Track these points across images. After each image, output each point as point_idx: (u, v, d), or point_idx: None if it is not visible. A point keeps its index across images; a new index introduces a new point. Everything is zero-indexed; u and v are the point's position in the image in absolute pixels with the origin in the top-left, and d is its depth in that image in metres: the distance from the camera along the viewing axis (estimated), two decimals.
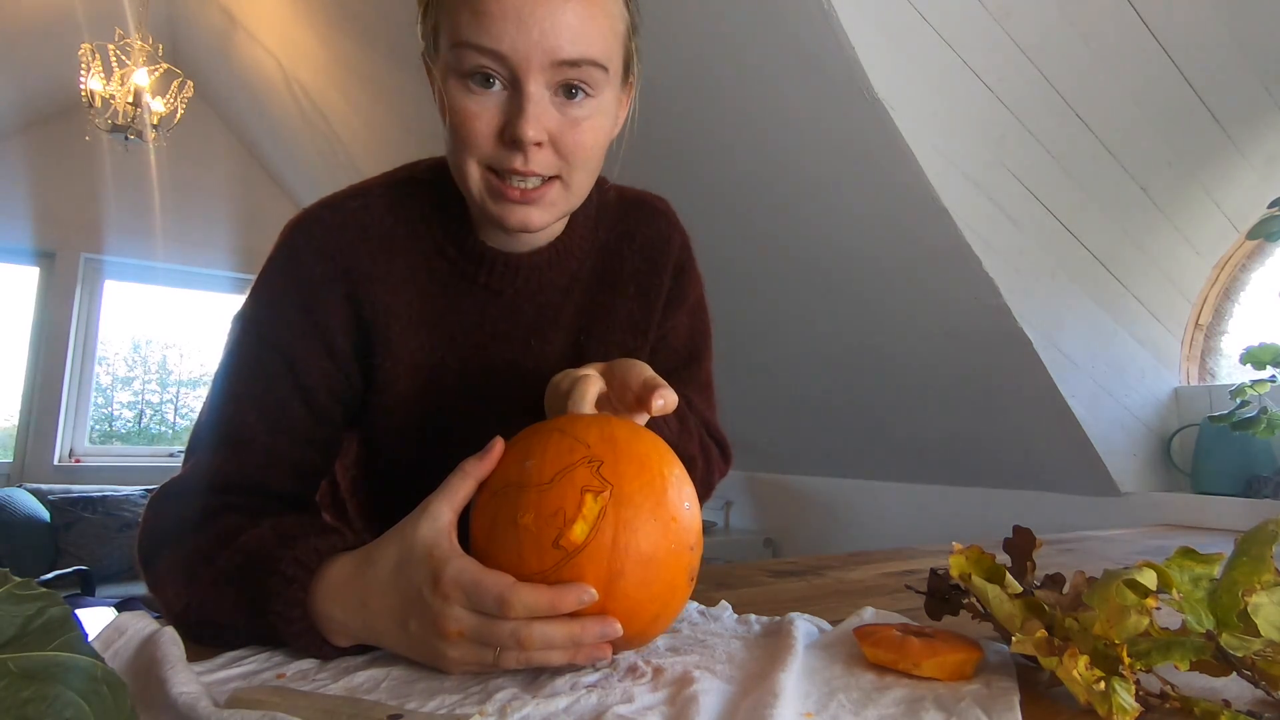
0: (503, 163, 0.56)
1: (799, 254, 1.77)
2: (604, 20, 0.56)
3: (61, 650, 0.29)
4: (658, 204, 0.80)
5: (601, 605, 0.43)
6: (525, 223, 0.59)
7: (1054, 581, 0.49)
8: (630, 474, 0.44)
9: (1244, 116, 1.43)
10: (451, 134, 0.58)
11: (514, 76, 0.54)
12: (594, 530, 0.42)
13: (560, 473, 0.44)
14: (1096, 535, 1.25)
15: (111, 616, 0.48)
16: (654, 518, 0.44)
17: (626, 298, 0.76)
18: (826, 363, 2.00)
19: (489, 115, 0.56)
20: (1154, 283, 1.60)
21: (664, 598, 0.45)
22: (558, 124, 0.56)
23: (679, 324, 0.81)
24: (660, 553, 0.44)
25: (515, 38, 0.53)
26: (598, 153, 0.60)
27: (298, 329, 0.63)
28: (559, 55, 0.54)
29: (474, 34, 0.53)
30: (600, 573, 0.42)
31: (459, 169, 0.59)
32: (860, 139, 1.38)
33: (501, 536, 0.44)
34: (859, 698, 0.42)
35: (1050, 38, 1.28)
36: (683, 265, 0.80)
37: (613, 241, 0.76)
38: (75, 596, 2.87)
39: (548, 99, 0.56)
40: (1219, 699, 0.40)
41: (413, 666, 0.47)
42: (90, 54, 2.99)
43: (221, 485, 0.60)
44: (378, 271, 0.65)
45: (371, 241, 0.65)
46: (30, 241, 3.96)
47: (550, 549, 0.42)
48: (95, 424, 4.32)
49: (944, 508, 2.03)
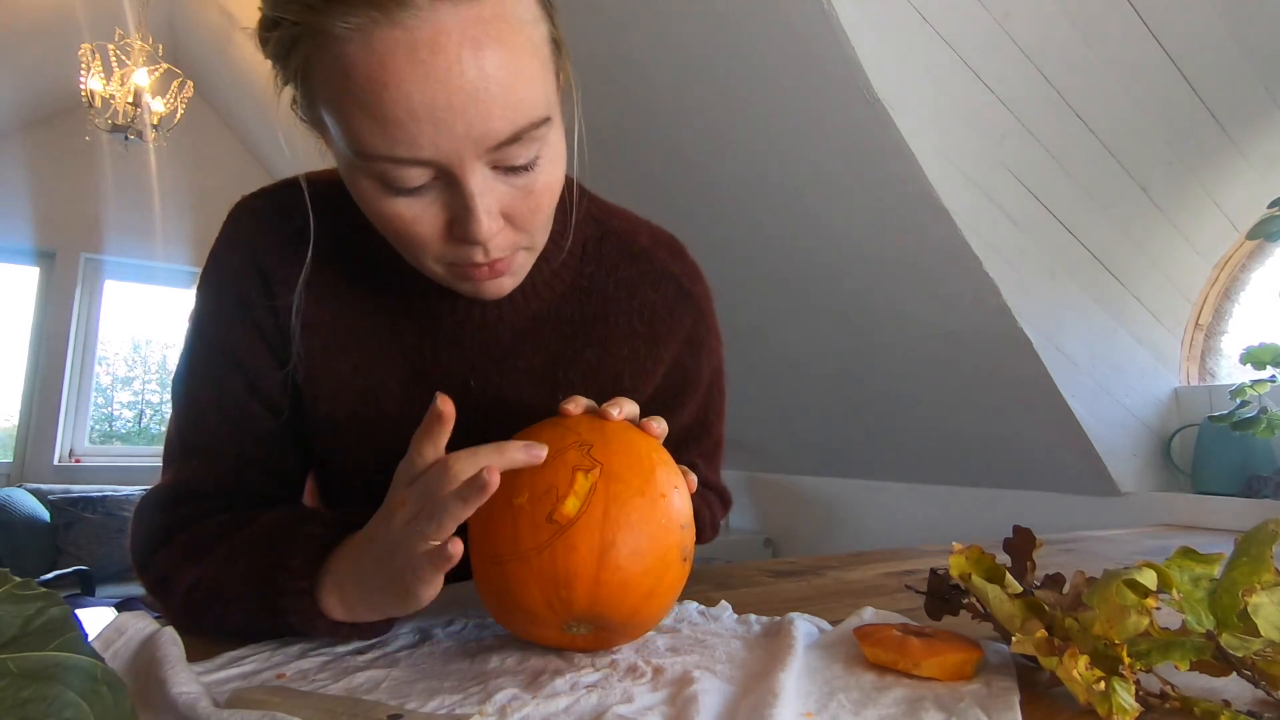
0: (460, 258, 0.49)
1: (799, 254, 1.77)
2: (530, 62, 0.45)
3: (62, 650, 0.29)
4: (670, 262, 0.68)
5: (594, 576, 0.44)
6: (499, 292, 0.54)
7: (1054, 581, 0.49)
8: (619, 455, 0.47)
9: (1244, 116, 1.43)
10: (385, 233, 0.50)
11: (448, 174, 0.45)
12: (585, 504, 0.44)
13: (552, 454, 0.46)
14: (1096, 535, 1.25)
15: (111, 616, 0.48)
16: (642, 494, 0.46)
17: (616, 358, 0.66)
18: (826, 363, 2.00)
19: (429, 217, 0.47)
20: (1154, 283, 1.60)
21: (657, 571, 0.46)
22: (510, 200, 0.48)
23: (694, 405, 0.72)
24: (651, 526, 0.46)
25: (437, 140, 0.43)
26: (556, 200, 0.52)
27: (236, 326, 0.59)
28: (495, 139, 0.44)
29: (384, 146, 0.43)
30: (593, 544, 0.44)
31: (411, 260, 0.52)
32: (860, 139, 1.38)
33: (498, 517, 0.46)
34: (859, 698, 0.42)
35: (1050, 38, 1.28)
36: (696, 341, 0.70)
37: (607, 288, 0.66)
38: (75, 596, 2.87)
39: (493, 181, 0.47)
40: (1219, 699, 0.40)
41: (413, 666, 0.47)
42: (90, 54, 2.99)
43: (202, 492, 0.59)
44: (304, 277, 0.59)
45: (302, 244, 0.58)
46: (30, 241, 3.97)
47: (544, 524, 0.44)
48: (95, 424, 4.33)
49: (944, 508, 2.03)
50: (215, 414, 0.60)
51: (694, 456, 0.75)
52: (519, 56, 0.44)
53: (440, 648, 0.51)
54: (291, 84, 0.47)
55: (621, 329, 0.66)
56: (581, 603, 0.44)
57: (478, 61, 0.42)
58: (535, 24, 0.46)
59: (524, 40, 0.44)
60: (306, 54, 0.43)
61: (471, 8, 0.42)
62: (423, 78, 0.41)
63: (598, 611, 0.45)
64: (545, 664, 0.47)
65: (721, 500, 0.78)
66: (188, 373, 0.61)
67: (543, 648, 0.50)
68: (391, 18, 0.40)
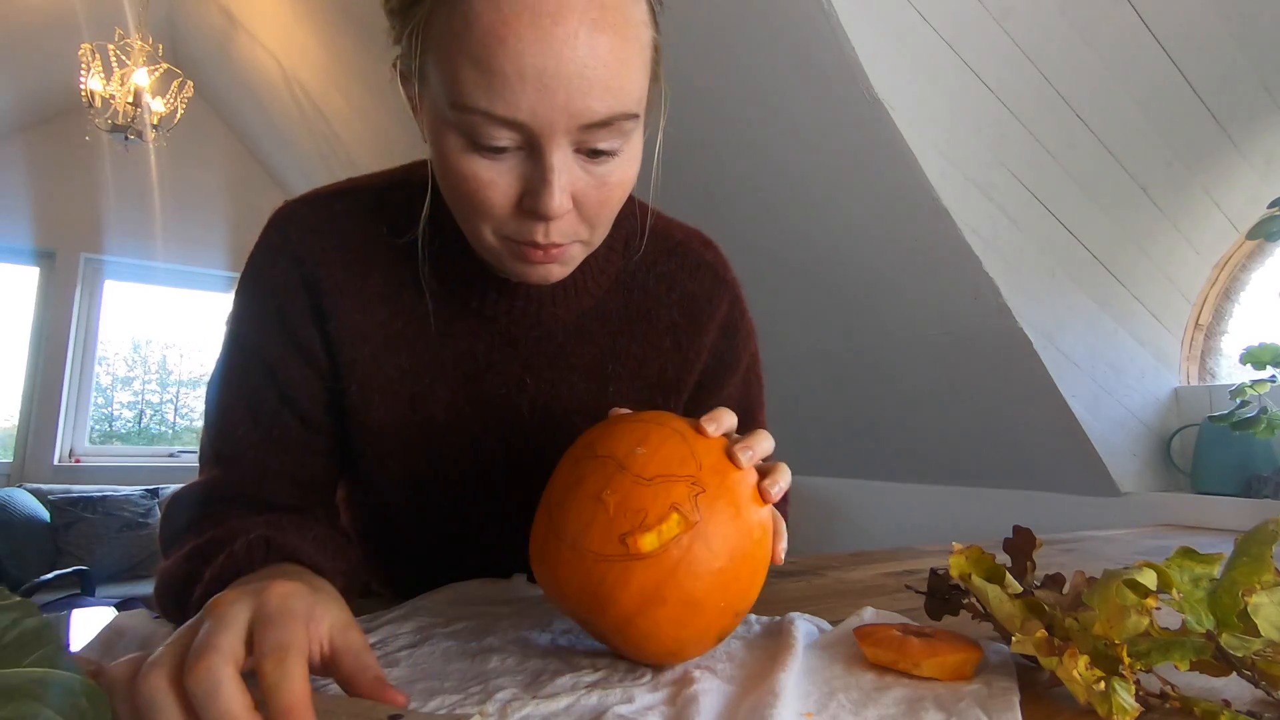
0: (520, 234, 0.50)
1: (798, 254, 1.77)
2: (636, 58, 0.46)
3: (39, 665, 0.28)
4: (705, 253, 0.71)
5: (629, 617, 0.42)
6: (546, 278, 0.54)
7: (1054, 581, 0.49)
8: (722, 519, 0.43)
9: (1244, 116, 1.43)
10: (455, 195, 0.51)
11: (533, 142, 0.46)
12: (662, 548, 0.42)
13: (662, 477, 0.43)
14: (1096, 535, 1.25)
15: (111, 616, 0.48)
16: (719, 571, 0.43)
17: (659, 351, 0.68)
18: (826, 363, 2.00)
19: (504, 184, 0.48)
20: (1154, 283, 1.60)
21: (684, 641, 0.44)
22: (584, 186, 0.49)
23: (733, 389, 0.73)
24: (706, 604, 0.43)
25: (536, 104, 0.44)
26: (624, 198, 0.52)
27: (273, 338, 0.59)
28: (589, 118, 0.45)
29: (484, 99, 0.44)
30: (647, 590, 0.42)
31: (468, 230, 0.52)
32: (860, 139, 1.38)
33: (579, 500, 0.44)
34: (859, 698, 0.42)
35: (1050, 38, 1.28)
36: (731, 326, 0.72)
37: (648, 283, 0.68)
38: (75, 596, 2.87)
39: (572, 162, 0.47)
40: (1219, 699, 0.40)
41: (413, 666, 0.47)
42: (90, 54, 2.99)
43: (221, 497, 0.59)
44: (351, 284, 0.59)
45: (347, 251, 0.59)
46: (30, 241, 3.97)
47: (615, 540, 0.42)
48: (95, 424, 4.33)
49: (944, 508, 2.03)
50: (246, 423, 0.59)
51: None
52: (628, 47, 0.45)
53: (440, 648, 0.51)
54: (405, 37, 0.48)
55: (663, 321, 0.68)
56: (604, 626, 0.44)
57: (592, 40, 0.43)
58: (645, 26, 0.48)
59: (634, 35, 0.46)
60: (431, 4, 0.45)
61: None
62: (539, 42, 0.42)
63: (616, 643, 0.45)
64: (545, 664, 0.47)
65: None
66: (222, 380, 0.61)
67: (543, 648, 0.50)
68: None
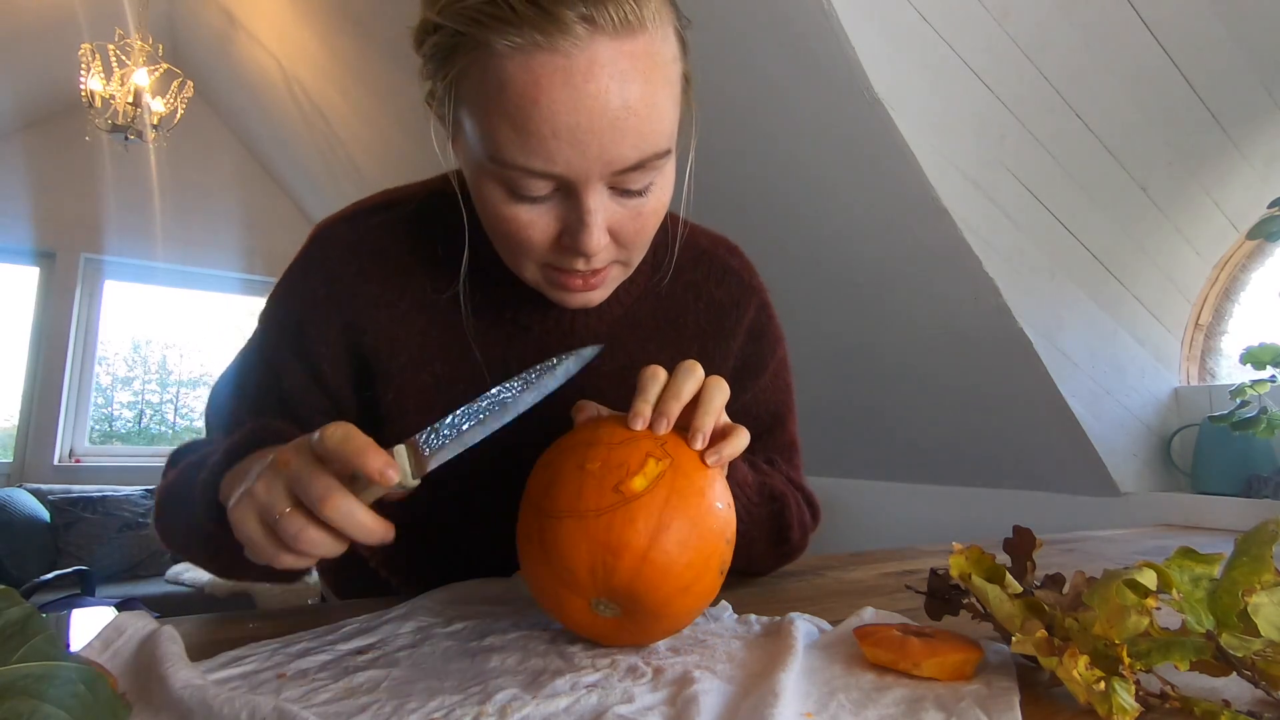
0: (561, 264, 0.53)
1: (798, 254, 1.77)
2: (666, 99, 0.49)
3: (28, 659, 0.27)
4: (730, 259, 0.74)
5: (643, 553, 0.45)
6: (587, 304, 0.57)
7: (1054, 581, 0.49)
8: (689, 455, 0.49)
9: (1244, 116, 1.43)
10: (496, 235, 0.53)
11: (570, 188, 0.49)
12: (651, 485, 0.46)
13: (630, 438, 0.49)
14: (1096, 535, 1.25)
15: (111, 616, 0.48)
16: (702, 495, 0.48)
17: (687, 357, 0.71)
18: (826, 363, 2.00)
19: (543, 223, 0.50)
20: (1154, 283, 1.60)
21: (697, 569, 0.47)
22: (620, 219, 0.52)
23: (760, 392, 0.75)
24: (702, 527, 0.47)
25: (571, 157, 0.46)
26: (659, 223, 0.55)
27: (288, 345, 0.62)
28: (622, 165, 0.48)
29: (521, 157, 0.46)
30: (650, 522, 0.45)
31: (511, 263, 0.55)
32: (860, 139, 1.38)
33: (566, 478, 0.48)
34: (859, 698, 0.42)
35: (1050, 37, 1.28)
36: (760, 330, 0.74)
37: (676, 291, 0.70)
38: (75, 596, 2.87)
39: (608, 200, 0.50)
40: (1219, 699, 0.40)
41: (413, 666, 0.47)
42: (90, 54, 2.99)
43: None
44: (387, 297, 0.62)
45: (387, 264, 0.62)
46: (30, 241, 3.97)
47: (610, 492, 0.46)
48: (95, 424, 4.33)
49: (944, 508, 2.03)
50: (249, 412, 0.62)
51: (770, 454, 0.75)
52: (657, 92, 0.48)
53: (440, 648, 0.51)
54: (436, 83, 0.50)
55: (691, 329, 0.70)
56: (624, 575, 0.45)
57: (622, 93, 0.46)
58: (674, 62, 0.50)
59: (663, 77, 0.48)
60: (464, 63, 0.47)
61: (625, 43, 0.45)
62: (571, 101, 0.44)
63: (635, 590, 0.46)
64: (545, 664, 0.47)
65: (810, 505, 0.75)
66: (241, 365, 0.64)
67: (543, 648, 0.50)
68: (553, 43, 0.44)
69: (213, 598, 3.29)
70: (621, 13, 0.45)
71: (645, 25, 0.46)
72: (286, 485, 0.43)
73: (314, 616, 0.59)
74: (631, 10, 0.45)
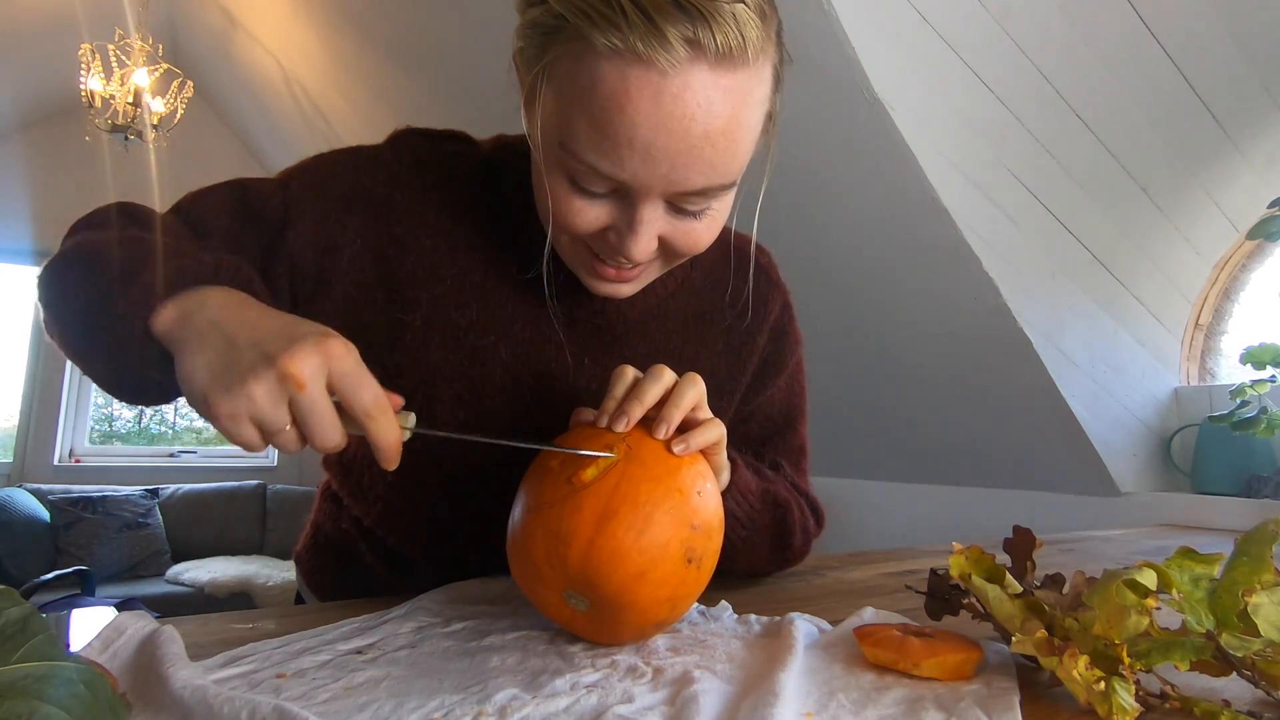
0: (600, 252, 0.54)
1: (798, 254, 1.77)
2: (745, 137, 0.49)
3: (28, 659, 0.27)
4: (759, 258, 0.74)
5: (590, 539, 0.46)
6: (614, 294, 0.58)
7: (1054, 581, 0.49)
8: (650, 448, 0.51)
9: (1244, 116, 1.43)
10: (544, 208, 0.53)
11: (628, 194, 0.49)
12: (601, 475, 0.48)
13: (595, 435, 0.51)
14: (1096, 535, 1.25)
15: (111, 616, 0.48)
16: (658, 481, 0.49)
17: (713, 353, 0.71)
18: (825, 363, 2.00)
19: (593, 215, 0.51)
20: (1154, 283, 1.60)
21: (651, 554, 0.47)
22: (669, 232, 0.52)
23: (776, 392, 0.75)
24: (656, 511, 0.47)
25: (639, 169, 0.47)
26: (707, 246, 0.56)
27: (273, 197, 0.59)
28: (685, 188, 0.48)
29: (593, 156, 0.47)
30: (596, 509, 0.47)
31: (553, 233, 0.55)
32: (860, 139, 1.38)
33: (532, 476, 0.52)
34: (859, 698, 0.42)
35: (1050, 38, 1.28)
36: (782, 329, 0.75)
37: (705, 288, 0.71)
38: (75, 596, 2.87)
39: (662, 213, 0.51)
40: (1219, 699, 0.40)
41: (413, 666, 0.47)
42: (90, 54, 2.99)
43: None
44: (438, 225, 0.62)
45: (446, 193, 0.62)
46: (30, 241, 3.97)
47: (564, 484, 0.48)
48: (95, 424, 4.33)
49: (944, 508, 2.03)
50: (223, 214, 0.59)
51: (778, 457, 0.75)
52: (739, 129, 0.48)
53: (440, 647, 0.51)
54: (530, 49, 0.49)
55: (718, 324, 0.71)
56: (575, 563, 0.46)
57: (706, 123, 0.46)
58: (763, 102, 0.49)
59: (749, 115, 0.48)
60: (561, 50, 0.47)
61: (722, 76, 0.45)
62: (655, 118, 0.45)
63: (588, 576, 0.46)
64: (545, 664, 0.47)
65: (814, 511, 0.75)
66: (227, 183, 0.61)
67: (542, 648, 0.50)
68: (653, 57, 0.43)
69: (213, 598, 3.30)
70: (727, 42, 0.44)
71: (747, 60, 0.46)
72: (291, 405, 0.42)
73: (314, 616, 0.59)
74: (737, 42, 0.45)
